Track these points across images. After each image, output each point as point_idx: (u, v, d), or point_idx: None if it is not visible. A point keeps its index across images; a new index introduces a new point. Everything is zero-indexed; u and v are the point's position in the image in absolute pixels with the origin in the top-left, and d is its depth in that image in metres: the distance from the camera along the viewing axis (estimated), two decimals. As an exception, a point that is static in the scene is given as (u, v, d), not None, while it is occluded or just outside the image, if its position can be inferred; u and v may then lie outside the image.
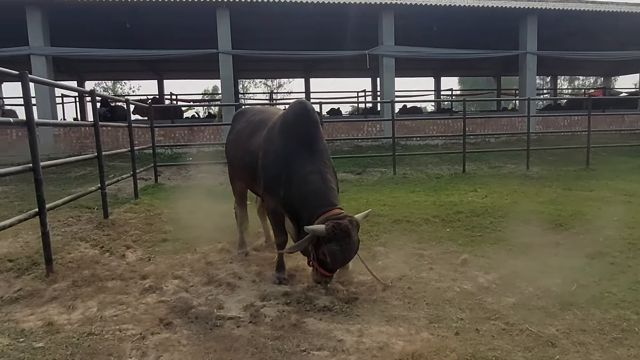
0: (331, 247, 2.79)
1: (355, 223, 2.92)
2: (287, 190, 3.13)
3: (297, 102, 3.39)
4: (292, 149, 3.17)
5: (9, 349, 2.28)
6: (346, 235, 2.81)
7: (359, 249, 3.05)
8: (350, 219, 2.89)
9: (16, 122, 3.65)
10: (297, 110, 3.27)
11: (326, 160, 3.24)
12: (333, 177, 3.25)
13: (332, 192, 3.09)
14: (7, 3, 10.59)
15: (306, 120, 3.22)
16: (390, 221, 5.10)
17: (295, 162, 3.12)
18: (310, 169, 3.08)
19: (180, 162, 10.43)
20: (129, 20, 12.43)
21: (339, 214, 2.92)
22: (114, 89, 48.68)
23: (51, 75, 11.70)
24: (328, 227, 2.79)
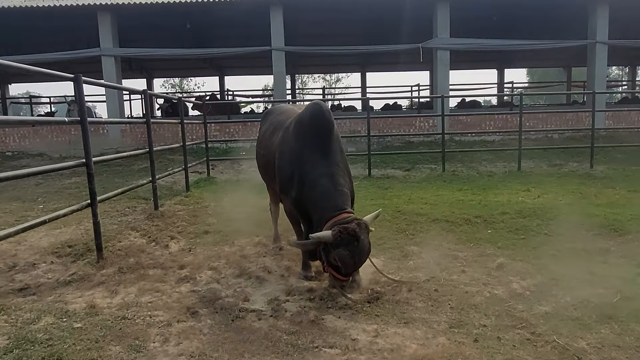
0: (340, 253, 2.75)
1: (364, 225, 2.86)
2: (299, 191, 3.14)
3: (313, 103, 3.36)
4: (306, 150, 3.16)
5: (52, 327, 2.53)
6: (354, 239, 2.76)
7: (370, 252, 2.97)
8: (358, 222, 2.84)
9: (70, 120, 3.98)
10: (312, 111, 3.24)
11: (339, 163, 3.20)
12: (346, 180, 3.21)
13: (342, 195, 3.04)
14: (81, 8, 11.51)
15: (321, 122, 3.19)
16: (429, 220, 4.99)
17: (308, 163, 3.12)
18: (321, 172, 3.06)
19: (231, 157, 10.82)
20: (189, 20, 13.03)
21: (347, 218, 2.87)
22: (180, 86, 51.26)
23: (119, 74, 12.60)
24: (334, 232, 2.76)
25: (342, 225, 2.82)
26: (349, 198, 3.14)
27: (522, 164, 9.35)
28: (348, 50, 12.95)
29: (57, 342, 2.34)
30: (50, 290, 3.36)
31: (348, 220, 2.86)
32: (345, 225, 2.81)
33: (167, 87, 50.48)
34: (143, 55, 12.89)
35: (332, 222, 2.89)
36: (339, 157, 3.21)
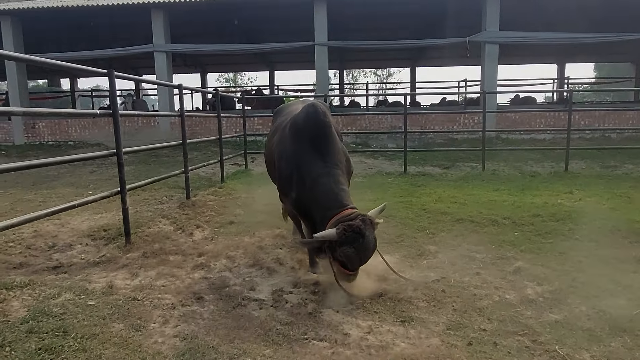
0: (346, 250, 2.73)
1: (369, 221, 2.83)
2: (299, 192, 3.14)
3: (308, 104, 3.34)
4: (303, 151, 3.15)
5: (69, 303, 2.75)
6: (359, 237, 2.73)
7: (376, 247, 2.94)
8: (362, 218, 2.81)
9: (102, 114, 4.25)
10: (307, 113, 3.23)
11: (338, 163, 3.17)
12: (345, 180, 3.20)
13: (343, 193, 3.03)
14: (136, 6, 12.16)
15: (315, 122, 3.17)
16: (453, 220, 4.85)
17: (306, 164, 3.11)
18: (321, 171, 3.05)
19: None
20: (236, 17, 13.38)
21: (351, 214, 2.85)
22: (234, 80, 52.79)
23: (170, 69, 13.20)
24: (339, 231, 2.73)
25: (346, 222, 2.79)
26: (349, 196, 3.12)
27: (572, 164, 8.84)
28: (389, 45, 12.73)
29: (69, 317, 2.54)
30: (79, 270, 3.63)
31: (352, 217, 2.84)
32: (350, 222, 2.79)
33: (221, 82, 52.19)
34: (192, 51, 13.40)
35: (335, 219, 2.87)
36: (337, 156, 3.19)
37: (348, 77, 54.71)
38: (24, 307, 2.64)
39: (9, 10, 12.98)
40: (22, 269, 3.66)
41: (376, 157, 10.48)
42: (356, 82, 49.94)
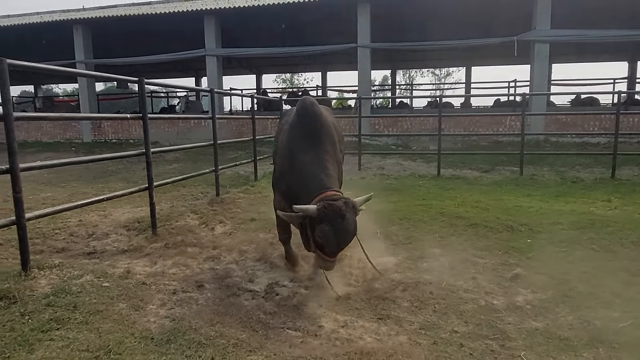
0: (324, 229, 2.71)
1: (351, 205, 2.81)
2: (289, 181, 3.27)
3: (301, 99, 3.45)
4: (295, 142, 3.25)
5: (87, 283, 3.15)
6: (338, 216, 2.71)
7: (356, 233, 2.88)
8: (345, 201, 2.81)
9: (132, 117, 4.69)
10: (299, 106, 3.35)
11: (328, 151, 3.20)
12: (335, 167, 3.20)
13: (330, 178, 3.04)
14: (191, 13, 12.94)
15: (306, 113, 3.26)
16: (467, 224, 4.82)
17: (297, 153, 3.20)
18: (309, 159, 3.10)
19: None
20: (282, 21, 13.81)
21: (334, 196, 2.86)
22: (291, 81, 54.00)
23: (220, 72, 13.91)
24: (319, 207, 2.75)
25: (328, 201, 2.81)
26: (337, 182, 3.16)
27: (624, 171, 8.32)
28: (433, 45, 12.52)
29: (83, 295, 2.92)
30: (108, 256, 4.07)
31: (335, 198, 2.85)
32: (331, 201, 2.80)
33: (278, 82, 53.55)
34: (239, 54, 13.99)
35: (318, 198, 2.88)
36: (327, 146, 3.21)
37: (404, 77, 54.12)
38: (49, 284, 3.06)
39: (81, 20, 14.30)
40: (62, 253, 4.17)
41: (414, 159, 10.42)
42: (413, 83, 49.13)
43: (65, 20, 14.35)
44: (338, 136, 3.73)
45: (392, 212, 5.46)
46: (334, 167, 3.17)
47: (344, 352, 2.34)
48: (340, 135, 3.92)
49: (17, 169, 3.00)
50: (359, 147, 9.43)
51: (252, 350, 2.36)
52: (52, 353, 2.21)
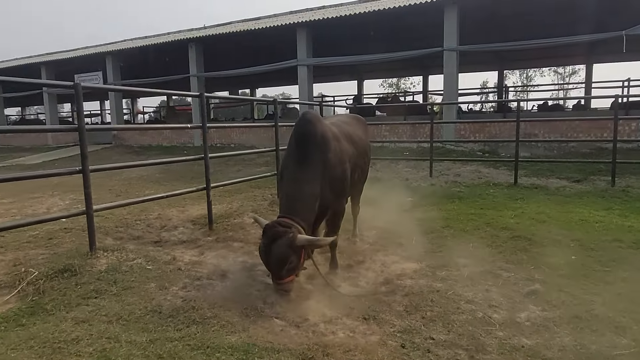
0: (259, 244, 3.09)
1: (282, 233, 2.95)
2: (280, 193, 3.55)
3: (302, 114, 3.57)
4: (287, 158, 3.46)
5: (135, 265, 3.79)
6: (264, 237, 3.01)
7: (280, 264, 2.99)
8: (279, 229, 2.97)
9: (192, 126, 5.37)
10: (297, 121, 3.49)
11: (312, 170, 3.25)
12: (312, 190, 3.23)
13: (295, 203, 3.19)
14: (282, 27, 13.87)
15: (300, 130, 3.38)
16: (510, 237, 4.59)
17: (285, 168, 3.43)
18: (291, 176, 3.30)
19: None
20: (372, 28, 14.02)
21: (281, 220, 3.07)
22: (397, 85, 53.81)
23: (311, 80, 14.63)
24: (266, 225, 3.06)
25: (275, 223, 3.05)
26: (303, 206, 3.20)
27: None
28: (524, 45, 11.55)
29: (126, 274, 3.56)
30: (169, 245, 4.76)
31: (278, 222, 3.06)
32: (275, 225, 3.02)
33: (384, 87, 53.70)
34: (329, 63, 14.53)
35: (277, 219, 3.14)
36: (310, 166, 3.27)
37: (521, 78, 50.14)
38: (106, 263, 3.77)
39: (194, 38, 16.20)
40: (136, 240, 4.98)
41: (497, 166, 9.85)
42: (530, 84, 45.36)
43: (181, 40, 16.39)
44: (355, 150, 3.82)
45: (438, 220, 5.40)
46: (309, 189, 3.21)
47: (309, 343, 2.56)
48: (360, 148, 4.00)
49: (87, 170, 3.77)
50: (430, 154, 9.25)
51: (233, 332, 2.70)
52: (81, 314, 2.81)
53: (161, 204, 6.69)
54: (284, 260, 2.99)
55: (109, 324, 2.70)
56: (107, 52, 18.94)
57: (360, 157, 4.08)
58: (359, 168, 4.08)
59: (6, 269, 3.69)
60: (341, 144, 3.63)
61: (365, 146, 4.37)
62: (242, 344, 2.50)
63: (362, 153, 4.16)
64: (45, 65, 21.37)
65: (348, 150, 3.75)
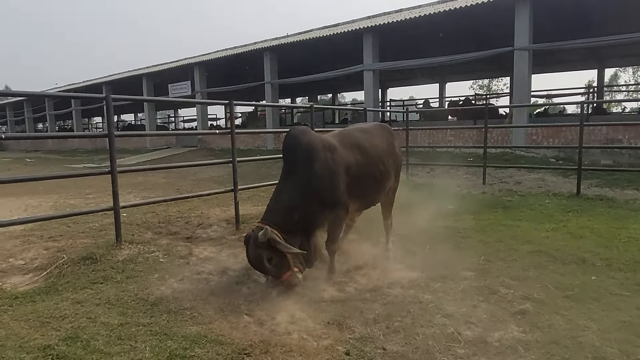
0: None
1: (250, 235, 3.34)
2: None
3: (290, 129, 3.68)
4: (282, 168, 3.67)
5: (151, 257, 4.19)
6: (246, 242, 3.35)
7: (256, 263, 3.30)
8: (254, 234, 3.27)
9: (221, 132, 5.72)
10: (285, 136, 3.65)
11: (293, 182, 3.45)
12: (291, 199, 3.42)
13: (272, 212, 3.46)
14: (347, 33, 14.01)
15: (285, 145, 3.59)
16: (531, 251, 4.24)
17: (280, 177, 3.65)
18: (276, 188, 3.60)
19: (428, 162, 10.85)
20: (442, 29, 13.57)
21: (256, 227, 3.39)
22: (489, 87, 51.23)
23: (377, 85, 14.56)
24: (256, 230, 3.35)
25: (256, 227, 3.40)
26: (281, 213, 3.41)
27: None
28: (597, 42, 10.27)
29: (139, 265, 3.97)
30: (197, 242, 5.15)
31: (258, 227, 3.37)
32: (254, 230, 3.37)
33: (474, 89, 51.41)
34: (395, 67, 14.34)
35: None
36: (294, 176, 3.47)
37: (634, 76, 44.68)
38: (127, 254, 4.23)
39: (268, 47, 17.03)
40: (171, 235, 5.46)
41: (568, 174, 8.98)
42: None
43: (257, 50, 17.33)
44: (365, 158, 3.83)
45: (464, 230, 5.16)
46: (286, 199, 3.45)
47: (258, 339, 2.68)
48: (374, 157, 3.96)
49: (115, 171, 4.27)
50: (484, 160, 8.73)
51: (199, 323, 2.91)
52: (80, 297, 3.23)
53: (210, 203, 7.23)
54: (258, 258, 3.25)
55: (97, 306, 3.07)
56: (195, 63, 20.64)
57: (373, 166, 3.98)
58: (369, 177, 3.96)
59: (50, 254, 4.32)
60: (335, 154, 3.62)
61: (384, 154, 4.19)
62: (196, 334, 2.70)
63: (376, 162, 4.03)
64: (145, 77, 23.92)
65: (349, 159, 3.73)
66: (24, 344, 2.50)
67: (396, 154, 4.39)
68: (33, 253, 4.46)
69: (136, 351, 2.43)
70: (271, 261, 3.28)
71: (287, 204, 3.40)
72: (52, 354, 2.37)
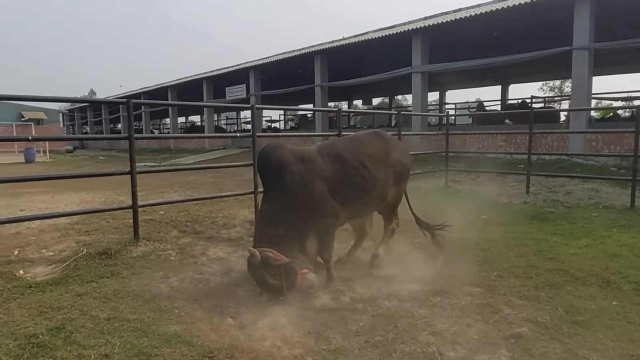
0: None
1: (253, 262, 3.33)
2: None
3: (265, 146, 3.72)
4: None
5: (164, 255, 4.37)
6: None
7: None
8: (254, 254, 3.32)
9: (242, 135, 5.81)
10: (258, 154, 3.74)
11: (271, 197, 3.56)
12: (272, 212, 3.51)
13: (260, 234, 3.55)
14: (396, 35, 13.73)
15: (260, 164, 3.70)
16: (550, 269, 3.88)
17: None
18: (260, 209, 3.70)
19: (468, 168, 10.28)
20: (496, 29, 12.91)
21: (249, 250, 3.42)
22: (560, 88, 48.30)
23: (425, 88, 14.16)
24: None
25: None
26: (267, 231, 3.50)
27: None
28: None
29: (149, 262, 4.15)
30: (216, 242, 5.29)
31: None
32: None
33: (545, 90, 48.60)
34: (444, 69, 13.84)
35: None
36: (269, 192, 3.64)
37: None
38: (141, 251, 4.44)
39: (319, 50, 17.16)
40: (195, 234, 5.63)
41: (627, 186, 8.15)
42: None
43: (308, 53, 17.53)
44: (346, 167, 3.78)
45: (488, 242, 4.85)
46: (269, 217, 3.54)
47: (228, 343, 2.69)
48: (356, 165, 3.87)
49: (135, 171, 4.51)
50: (527, 168, 8.16)
51: (182, 323, 2.97)
52: (83, 289, 3.43)
53: (242, 204, 7.40)
54: (262, 280, 3.37)
55: (94, 299, 3.25)
56: (250, 67, 21.31)
57: (355, 175, 3.86)
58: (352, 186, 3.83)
59: (78, 247, 4.65)
60: (309, 165, 3.65)
61: (373, 162, 4.00)
62: (172, 333, 2.77)
63: (359, 170, 3.88)
64: (205, 80, 25.07)
65: (326, 168, 3.72)
66: (15, 331, 2.70)
67: (393, 162, 4.19)
68: (64, 245, 4.82)
69: (107, 346, 2.54)
70: (276, 276, 3.35)
71: (271, 223, 3.50)
72: (34, 342, 2.54)
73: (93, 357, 2.41)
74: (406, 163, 4.43)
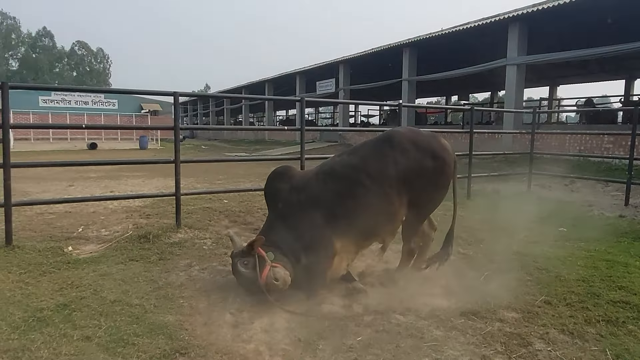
0: None
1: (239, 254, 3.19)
2: None
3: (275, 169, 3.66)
4: None
5: (199, 242, 4.46)
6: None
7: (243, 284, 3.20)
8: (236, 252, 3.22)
9: (290, 129, 5.68)
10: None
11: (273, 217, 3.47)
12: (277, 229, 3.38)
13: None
14: (491, 24, 12.56)
15: (265, 188, 3.65)
16: (613, 300, 3.17)
17: None
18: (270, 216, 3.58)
19: (556, 173, 8.96)
20: (612, 15, 11.17)
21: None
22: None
23: (521, 82, 12.79)
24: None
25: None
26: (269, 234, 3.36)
27: None
28: None
29: (182, 249, 4.27)
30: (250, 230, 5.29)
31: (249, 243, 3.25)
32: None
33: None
34: (543, 61, 12.33)
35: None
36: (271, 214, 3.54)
37: None
38: (179, 238, 4.59)
39: (409, 43, 16.49)
40: (243, 225, 5.63)
41: None
42: None
43: (397, 46, 16.95)
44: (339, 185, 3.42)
45: (545, 259, 4.20)
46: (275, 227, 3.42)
47: (209, 342, 2.61)
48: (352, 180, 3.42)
49: (178, 161, 4.69)
50: (628, 175, 6.88)
51: (178, 313, 2.95)
52: (110, 270, 3.63)
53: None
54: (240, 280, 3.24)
55: (113, 281, 3.41)
56: (340, 62, 21.30)
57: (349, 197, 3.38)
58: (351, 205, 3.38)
59: (132, 229, 4.98)
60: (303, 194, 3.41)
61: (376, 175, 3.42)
62: (161, 324, 2.77)
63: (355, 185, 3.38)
64: (298, 75, 25.69)
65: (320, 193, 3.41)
66: (31, 304, 2.92)
67: (403, 169, 3.44)
68: (122, 227, 5.21)
69: (95, 328, 2.62)
70: (248, 265, 3.16)
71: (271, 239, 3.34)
72: (37, 316, 2.72)
73: (75, 338, 2.50)
74: (428, 166, 3.45)
